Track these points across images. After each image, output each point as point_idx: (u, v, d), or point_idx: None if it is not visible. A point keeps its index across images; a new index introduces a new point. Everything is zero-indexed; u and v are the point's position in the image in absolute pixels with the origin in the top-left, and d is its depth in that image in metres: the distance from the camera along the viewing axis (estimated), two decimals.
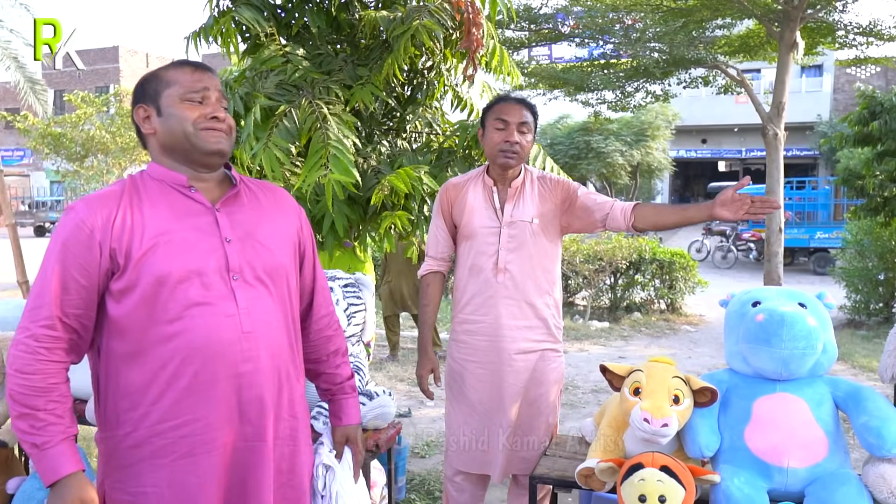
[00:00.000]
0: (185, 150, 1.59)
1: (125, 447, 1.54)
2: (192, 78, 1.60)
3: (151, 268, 1.50)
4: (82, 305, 1.51)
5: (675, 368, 2.06)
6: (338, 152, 2.84)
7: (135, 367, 1.52)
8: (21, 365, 1.47)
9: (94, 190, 14.11)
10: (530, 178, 2.57)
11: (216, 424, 1.54)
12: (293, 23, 3.44)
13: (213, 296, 1.54)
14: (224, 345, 1.53)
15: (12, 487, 2.78)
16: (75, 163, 13.45)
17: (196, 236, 1.56)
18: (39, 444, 1.45)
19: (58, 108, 28.56)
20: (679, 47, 9.35)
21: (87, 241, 1.50)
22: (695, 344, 8.23)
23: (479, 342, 2.52)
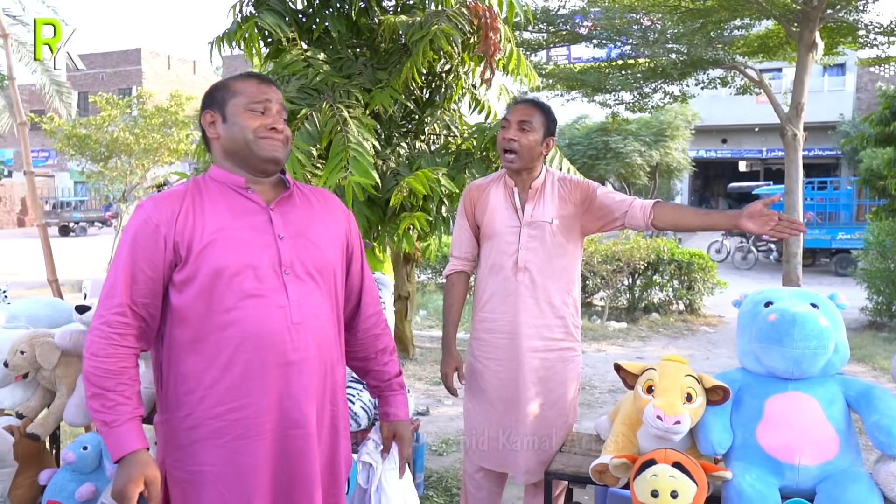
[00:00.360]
0: (244, 156, 1.72)
1: (184, 428, 1.66)
2: (257, 90, 1.73)
3: (210, 261, 1.62)
4: (149, 295, 1.63)
5: (687, 367, 2.10)
6: (358, 155, 2.90)
7: (193, 353, 1.65)
8: (96, 349, 1.61)
9: (118, 190, 14.36)
10: (551, 179, 2.60)
11: (266, 409, 1.65)
12: (314, 28, 3.51)
13: (266, 288, 1.65)
14: (274, 334, 1.64)
15: (44, 479, 2.88)
16: (99, 164, 13.67)
17: (251, 233, 1.68)
18: (109, 422, 1.58)
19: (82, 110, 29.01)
20: (697, 48, 9.32)
21: (154, 235, 1.63)
22: (713, 345, 8.21)
23: (498, 340, 2.56)
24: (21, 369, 2.88)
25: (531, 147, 2.49)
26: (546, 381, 2.54)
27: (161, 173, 15.28)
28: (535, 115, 2.51)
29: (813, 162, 26.21)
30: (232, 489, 1.65)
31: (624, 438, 2.18)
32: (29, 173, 4.25)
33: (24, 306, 3.36)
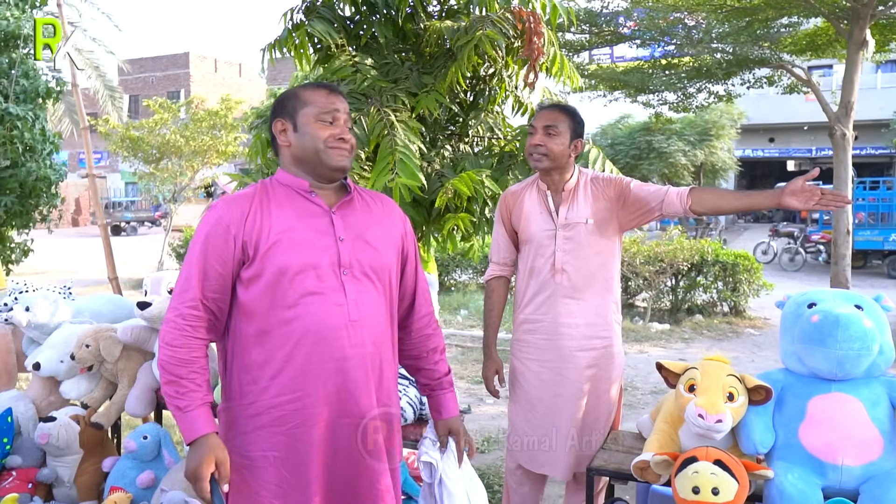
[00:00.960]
0: (313, 164, 1.82)
1: (246, 416, 1.77)
2: (327, 100, 1.82)
3: (275, 260, 1.72)
4: (219, 290, 1.74)
5: (730, 367, 2.12)
6: (404, 157, 2.98)
7: (257, 346, 1.75)
8: (170, 339, 1.72)
9: (168, 191, 14.76)
10: (584, 180, 2.65)
11: (324, 401, 1.75)
12: (362, 34, 3.61)
13: (326, 287, 1.75)
14: (333, 330, 1.74)
15: (108, 466, 3.04)
16: (151, 165, 14.09)
17: (314, 234, 1.78)
18: (182, 407, 1.69)
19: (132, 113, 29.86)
20: (743, 47, 9.15)
21: (224, 234, 1.74)
22: (758, 347, 8.09)
23: (539, 341, 2.62)
24: (86, 362, 3.04)
25: (558, 150, 2.55)
26: (588, 381, 2.58)
27: (209, 174, 15.66)
28: (560, 119, 2.57)
29: (865, 161, 25.47)
30: (292, 472, 1.75)
31: (665, 436, 2.21)
32: (91, 175, 4.45)
33: (87, 302, 3.54)
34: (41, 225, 5.75)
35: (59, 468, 3.02)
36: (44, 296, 3.28)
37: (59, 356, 3.09)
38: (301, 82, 4.08)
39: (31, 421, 3.11)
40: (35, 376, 3.20)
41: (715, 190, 2.61)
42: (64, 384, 3.16)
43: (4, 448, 2.95)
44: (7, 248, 5.55)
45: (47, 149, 5.43)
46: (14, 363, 3.33)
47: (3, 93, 5.17)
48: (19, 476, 2.96)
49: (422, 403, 2.78)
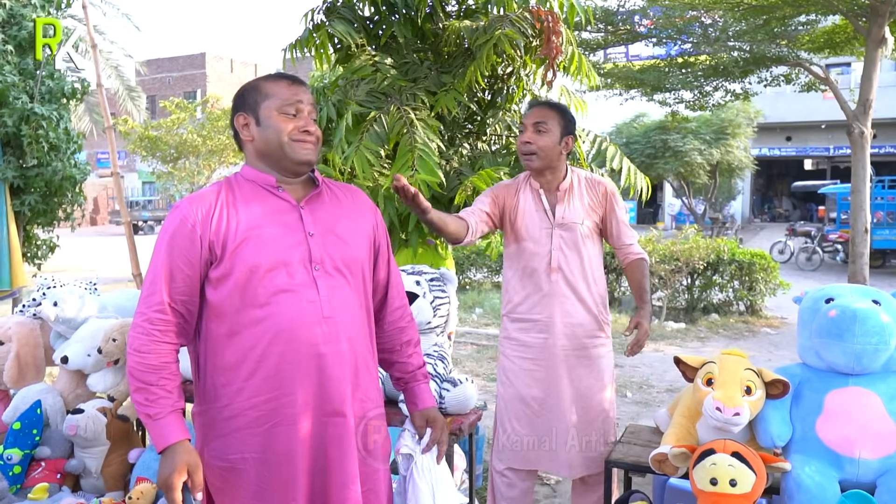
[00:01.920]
0: (277, 158, 1.76)
1: (222, 418, 1.72)
2: (289, 92, 1.76)
3: (243, 258, 1.68)
4: (187, 292, 1.70)
5: (747, 361, 2.15)
6: (424, 154, 3.03)
7: (230, 346, 1.70)
8: (138, 345, 1.68)
9: (186, 190, 14.92)
10: (577, 179, 2.67)
11: (301, 399, 1.70)
12: (381, 34, 3.66)
13: (297, 284, 1.70)
14: (306, 327, 1.69)
15: (133, 457, 3.10)
16: (169, 164, 14.25)
17: (283, 231, 1.73)
18: (152, 415, 1.65)
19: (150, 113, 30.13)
20: (760, 45, 9.10)
21: (190, 235, 1.68)
22: (775, 347, 8.06)
23: (533, 340, 2.62)
24: (112, 355, 3.11)
25: (548, 147, 2.55)
26: (584, 378, 2.61)
27: (225, 173, 15.80)
28: (550, 116, 2.57)
29: (884, 160, 25.20)
30: (272, 474, 1.70)
31: (683, 430, 2.24)
32: (116, 174, 4.53)
33: (112, 298, 3.61)
34: (64, 223, 5.83)
35: (86, 459, 3.09)
36: (71, 291, 3.35)
37: (86, 350, 3.15)
38: (318, 82, 4.14)
39: (59, 413, 3.18)
40: (63, 370, 3.27)
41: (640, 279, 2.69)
42: (91, 377, 3.23)
43: (34, 439, 3.02)
44: (33, 246, 5.63)
45: (71, 148, 5.51)
46: (42, 357, 3.41)
47: (29, 93, 5.25)
48: (48, 467, 3.03)
49: (441, 398, 2.82)
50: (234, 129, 1.84)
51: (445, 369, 2.89)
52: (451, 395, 2.81)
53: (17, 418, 3.02)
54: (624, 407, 5.60)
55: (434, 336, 2.97)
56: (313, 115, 1.81)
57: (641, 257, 2.71)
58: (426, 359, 2.88)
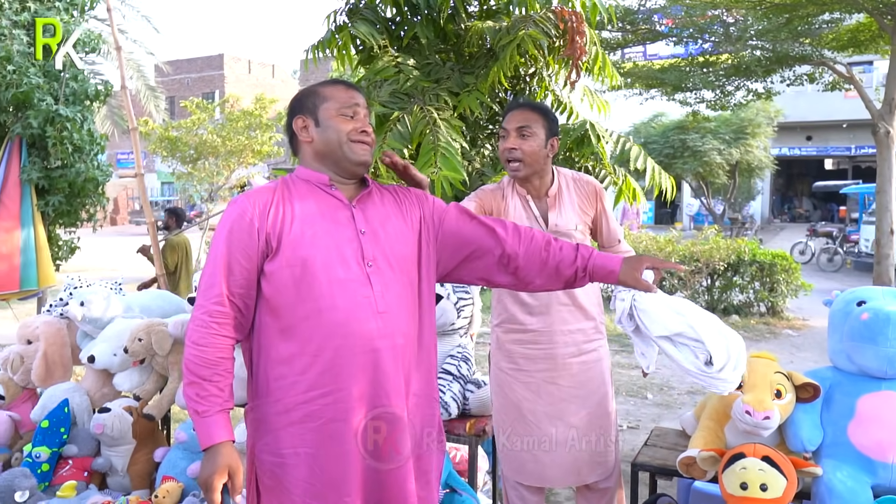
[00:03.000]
0: (336, 158, 1.79)
1: (275, 413, 1.71)
2: (347, 95, 1.81)
3: (298, 252, 1.69)
4: (245, 285, 1.70)
5: (777, 364, 2.13)
6: (447, 153, 3.02)
7: (284, 341, 1.70)
8: (197, 337, 1.67)
9: (205, 190, 15.00)
10: (566, 182, 2.54)
11: (356, 394, 1.69)
12: (403, 35, 3.66)
13: (351, 278, 1.71)
14: (361, 322, 1.69)
15: (159, 456, 3.13)
16: (188, 165, 14.35)
17: (336, 227, 1.74)
18: (201, 412, 1.64)
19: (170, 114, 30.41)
20: (783, 44, 9.00)
21: (248, 228, 1.70)
22: (797, 349, 7.97)
23: (530, 351, 2.51)
24: (139, 355, 3.14)
25: (534, 152, 2.42)
26: (586, 384, 2.50)
27: (245, 174, 15.90)
28: (533, 118, 2.42)
29: None
30: (325, 470, 1.69)
31: (711, 433, 2.22)
32: (139, 175, 4.57)
33: (137, 298, 3.64)
34: (87, 224, 5.90)
35: (112, 457, 3.12)
36: (97, 291, 3.39)
37: (112, 350, 3.18)
38: None
39: (86, 412, 3.22)
40: (89, 369, 3.30)
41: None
42: (117, 377, 3.26)
43: (62, 437, 3.06)
44: (55, 246, 5.71)
45: (94, 149, 5.58)
46: (69, 356, 3.44)
47: (54, 95, 5.32)
48: (75, 465, 3.07)
49: (465, 399, 2.82)
50: (290, 132, 1.87)
51: (469, 370, 2.89)
52: (474, 396, 2.81)
53: (45, 416, 3.06)
54: (645, 409, 5.57)
55: (457, 337, 2.98)
56: (368, 118, 1.85)
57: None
58: (450, 360, 2.90)
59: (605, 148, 3.59)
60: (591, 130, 3.44)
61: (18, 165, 5.29)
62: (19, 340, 3.45)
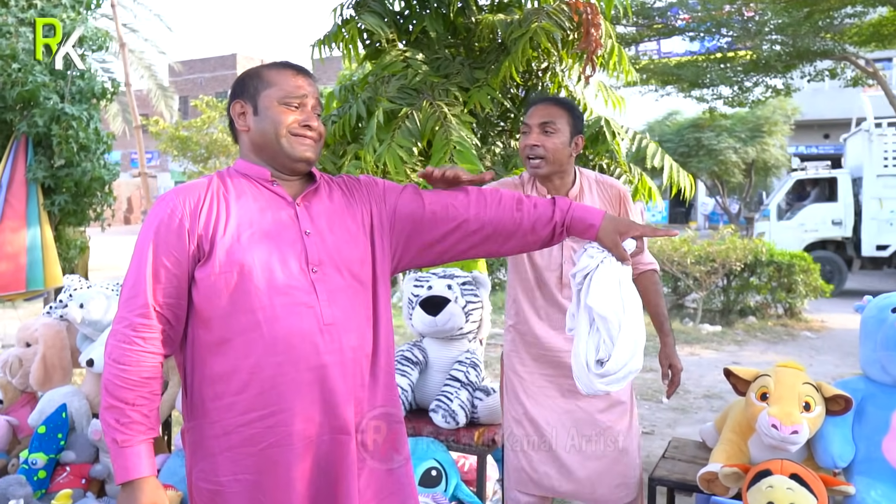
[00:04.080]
0: (273, 152, 1.61)
1: (212, 436, 1.53)
2: (294, 83, 1.61)
3: (235, 257, 1.50)
4: (173, 294, 1.51)
5: (805, 374, 2.00)
6: (462, 147, 2.91)
7: (219, 356, 1.52)
8: (118, 355, 1.47)
9: None
10: (587, 183, 2.39)
11: (302, 415, 1.52)
12: (412, 28, 3.55)
13: (294, 287, 1.53)
14: (306, 335, 1.51)
15: (158, 463, 3.04)
16: (199, 164, 14.34)
17: (277, 228, 1.56)
18: (119, 441, 1.44)
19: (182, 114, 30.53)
20: (803, 38, 8.81)
21: (178, 229, 1.51)
22: (816, 351, 7.79)
23: (544, 354, 2.36)
24: None
25: (558, 150, 2.27)
26: (607, 395, 2.25)
27: None
28: (557, 114, 2.27)
29: None
30: (268, 498, 1.52)
31: (734, 447, 2.10)
32: (143, 174, 4.49)
33: None
34: (95, 224, 5.83)
35: (111, 464, 3.03)
36: (97, 293, 3.31)
37: None
38: (347, 80, 4.06)
39: (85, 416, 3.14)
40: (89, 372, 3.23)
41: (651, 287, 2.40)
42: None
43: (59, 443, 2.97)
44: (64, 246, 5.65)
45: (101, 148, 5.50)
46: (69, 359, 3.37)
47: (60, 93, 5.26)
48: (73, 472, 2.98)
49: (473, 407, 2.71)
50: (230, 117, 1.69)
51: (478, 377, 2.78)
52: (483, 404, 2.70)
53: (43, 422, 2.98)
54: (660, 413, 5.43)
55: (466, 342, 2.87)
56: (317, 109, 1.66)
57: (653, 268, 2.44)
58: (458, 366, 2.79)
59: (620, 145, 3.47)
60: (606, 127, 3.32)
61: (24, 164, 5.24)
62: (18, 343, 3.38)
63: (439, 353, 2.83)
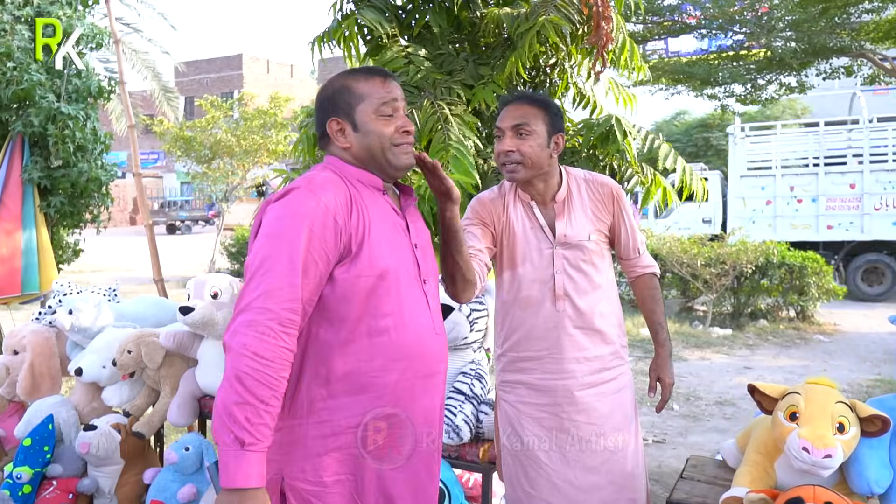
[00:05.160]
0: (379, 165, 1.60)
1: (318, 436, 1.50)
2: (384, 90, 1.60)
3: (377, 260, 1.51)
4: (315, 291, 1.47)
5: (837, 392, 1.85)
6: (459, 153, 2.78)
7: (341, 356, 1.50)
8: (262, 348, 1.37)
9: (220, 190, 14.90)
10: (575, 183, 2.19)
11: (416, 421, 1.56)
12: (414, 23, 3.41)
13: (416, 296, 1.58)
14: (424, 344, 1.57)
15: (149, 478, 2.91)
16: (203, 165, 14.24)
17: (398, 238, 1.59)
18: (246, 443, 1.34)
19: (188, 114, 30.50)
20: (819, 35, 8.62)
21: (333, 226, 1.47)
22: (829, 356, 7.62)
23: (537, 381, 2.15)
24: (128, 368, 2.93)
25: (535, 154, 2.07)
26: (607, 417, 2.15)
27: (260, 174, 15.77)
28: (530, 113, 2.07)
29: None
30: (368, 501, 1.52)
31: (759, 469, 1.95)
32: (137, 175, 4.37)
33: (131, 305, 3.43)
34: (91, 226, 5.72)
35: (99, 478, 2.91)
36: (87, 298, 3.19)
37: (101, 361, 2.99)
38: None
39: (73, 427, 3.02)
40: (78, 381, 3.11)
41: (652, 297, 2.26)
42: (106, 391, 3.06)
43: (45, 456, 2.85)
44: (59, 249, 5.53)
45: (98, 148, 5.39)
46: (58, 367, 3.26)
47: (56, 92, 5.15)
48: (60, 486, 2.87)
49: (478, 421, 2.57)
50: (322, 133, 1.64)
51: (483, 390, 2.63)
52: (489, 419, 2.56)
53: (28, 434, 2.85)
54: (671, 421, 5.28)
55: (470, 352, 2.72)
56: (406, 110, 1.67)
57: (652, 272, 2.26)
58: (462, 377, 2.64)
59: (631, 145, 3.31)
60: (616, 126, 3.17)
61: (20, 165, 5.13)
62: (5, 350, 3.27)
63: None
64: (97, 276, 13.17)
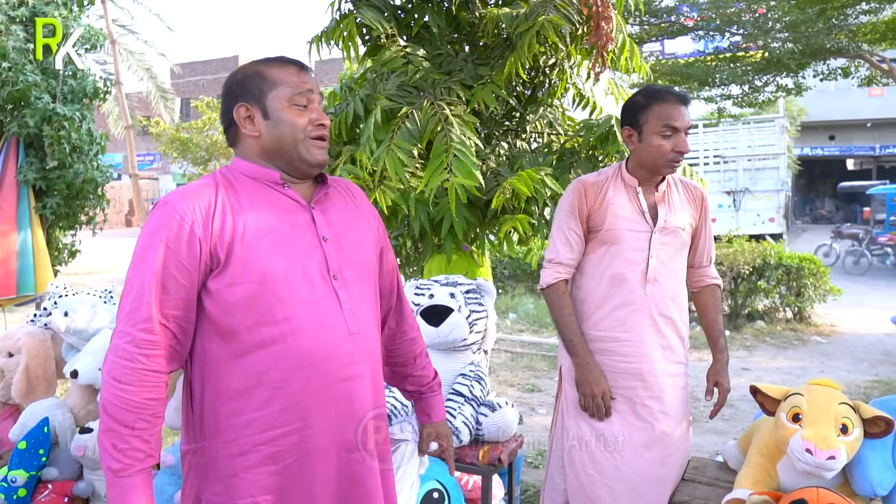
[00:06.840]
0: (289, 158, 1.52)
1: (227, 456, 1.44)
2: (299, 79, 1.52)
3: (256, 265, 1.41)
4: (182, 306, 1.41)
5: (840, 393, 1.84)
6: (461, 155, 2.75)
7: (237, 371, 1.43)
8: (119, 373, 1.36)
9: None
10: (673, 181, 2.32)
11: (325, 430, 1.45)
12: (413, 23, 3.39)
13: (318, 295, 1.46)
14: (333, 347, 1.45)
15: None
16: (200, 166, 14.21)
17: (295, 234, 1.48)
18: (116, 470, 1.34)
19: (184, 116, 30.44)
20: (817, 36, 8.62)
21: (189, 237, 1.40)
22: (827, 357, 7.62)
23: (618, 364, 2.21)
24: None
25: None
26: (671, 411, 2.20)
27: None
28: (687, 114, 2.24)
29: None
30: None
31: (761, 471, 1.94)
32: (134, 176, 4.35)
33: None
34: (87, 227, 5.69)
35: (95, 482, 2.88)
36: (83, 300, 3.16)
37: (96, 364, 2.96)
38: (349, 80, 3.89)
39: (69, 430, 2.99)
40: (74, 384, 3.08)
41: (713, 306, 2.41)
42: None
43: (40, 460, 2.82)
44: (55, 250, 5.50)
45: (94, 149, 5.36)
46: (53, 370, 3.23)
47: (51, 93, 5.12)
48: (55, 489, 2.83)
49: (478, 423, 2.55)
50: (228, 120, 1.56)
51: (483, 391, 2.62)
52: (489, 420, 2.54)
53: (23, 437, 2.82)
54: None
55: (470, 354, 2.70)
56: (322, 102, 1.57)
57: (717, 283, 2.40)
58: (461, 379, 2.62)
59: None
60: (616, 127, 3.15)
61: (15, 166, 5.10)
62: (0, 353, 3.23)
63: (441, 366, 2.64)
64: (93, 277, 13.12)
